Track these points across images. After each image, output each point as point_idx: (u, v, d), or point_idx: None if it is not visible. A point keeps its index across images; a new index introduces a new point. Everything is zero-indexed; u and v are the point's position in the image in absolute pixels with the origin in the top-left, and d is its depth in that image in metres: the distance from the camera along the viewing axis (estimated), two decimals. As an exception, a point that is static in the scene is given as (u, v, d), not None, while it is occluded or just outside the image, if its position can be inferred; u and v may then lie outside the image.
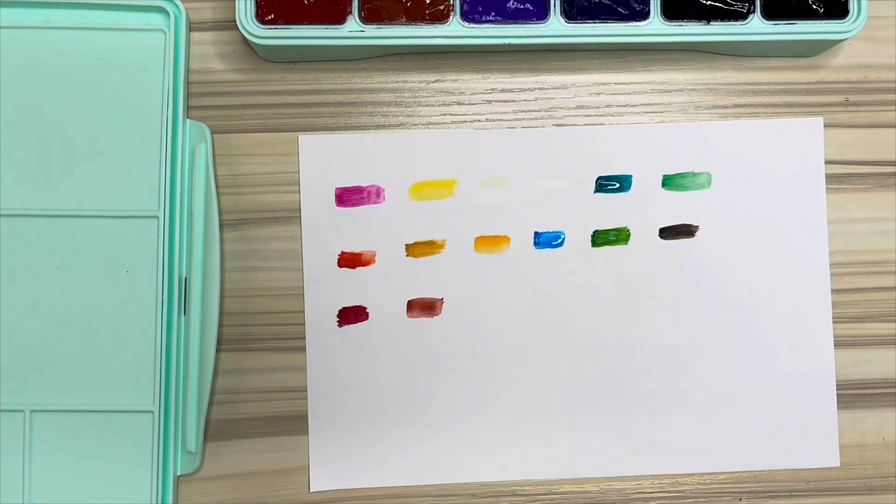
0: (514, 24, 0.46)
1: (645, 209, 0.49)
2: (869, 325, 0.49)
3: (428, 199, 0.48)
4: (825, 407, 0.49)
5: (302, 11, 0.46)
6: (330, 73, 0.49)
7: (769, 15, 0.46)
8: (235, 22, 0.45)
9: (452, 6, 0.46)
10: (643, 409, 0.49)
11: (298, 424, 0.48)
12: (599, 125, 0.49)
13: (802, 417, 0.49)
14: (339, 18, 0.46)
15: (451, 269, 0.48)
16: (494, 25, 0.46)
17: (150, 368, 0.46)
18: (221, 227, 0.48)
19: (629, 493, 0.49)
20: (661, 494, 0.49)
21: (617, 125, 0.49)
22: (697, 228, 0.49)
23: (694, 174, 0.49)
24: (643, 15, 0.46)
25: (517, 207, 0.49)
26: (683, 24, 0.46)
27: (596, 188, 0.49)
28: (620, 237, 0.49)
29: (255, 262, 0.48)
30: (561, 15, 0.46)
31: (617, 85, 0.49)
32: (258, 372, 0.48)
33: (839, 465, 0.49)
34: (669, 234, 0.49)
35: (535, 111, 0.49)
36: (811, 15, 0.46)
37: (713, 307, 0.49)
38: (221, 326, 0.47)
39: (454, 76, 0.49)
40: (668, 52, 0.49)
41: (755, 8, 0.46)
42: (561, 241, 0.49)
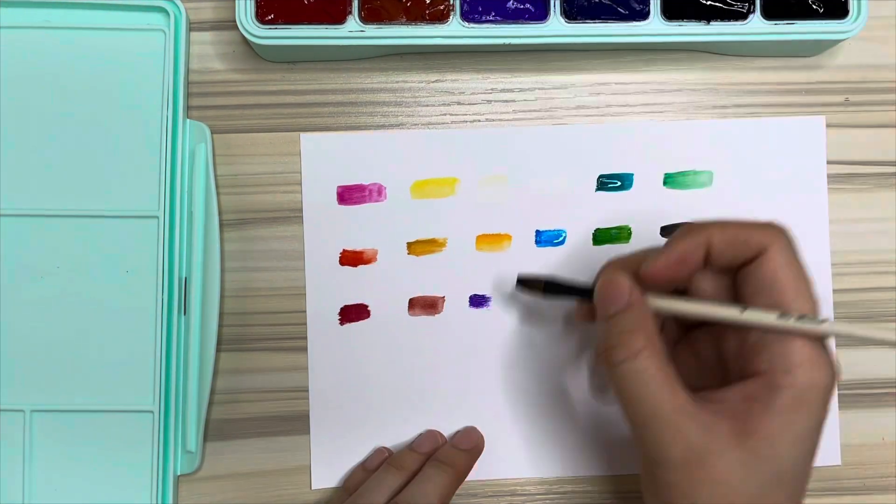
0: (514, 24, 0.46)
1: (646, 207, 0.49)
2: (869, 325, 0.49)
3: (429, 197, 0.48)
4: (826, 406, 0.49)
5: (302, 11, 0.46)
6: (330, 73, 0.49)
7: (769, 15, 0.46)
8: (235, 22, 0.45)
9: (452, 6, 0.46)
10: (644, 408, 0.49)
11: (298, 424, 0.48)
12: (601, 124, 0.49)
13: (803, 417, 0.49)
14: (339, 18, 0.46)
15: (452, 267, 0.48)
16: (494, 25, 0.46)
17: (150, 368, 0.46)
18: (221, 227, 0.48)
19: (629, 492, 0.49)
20: (661, 494, 0.49)
21: (618, 123, 0.49)
22: (699, 227, 0.49)
23: (696, 173, 0.49)
24: (643, 15, 0.46)
25: (519, 206, 0.49)
26: (683, 24, 0.46)
27: (597, 186, 0.49)
28: (622, 235, 0.49)
29: (255, 262, 0.48)
30: (561, 15, 0.46)
31: (617, 85, 0.49)
32: (258, 372, 0.48)
33: (840, 463, 0.49)
34: (671, 232, 0.49)
35: (535, 111, 0.49)
36: (811, 15, 0.46)
37: (714, 306, 0.49)
38: (221, 326, 0.47)
39: (454, 76, 0.49)
40: (668, 52, 0.49)
41: (755, 8, 0.46)
42: (562, 239, 0.49)
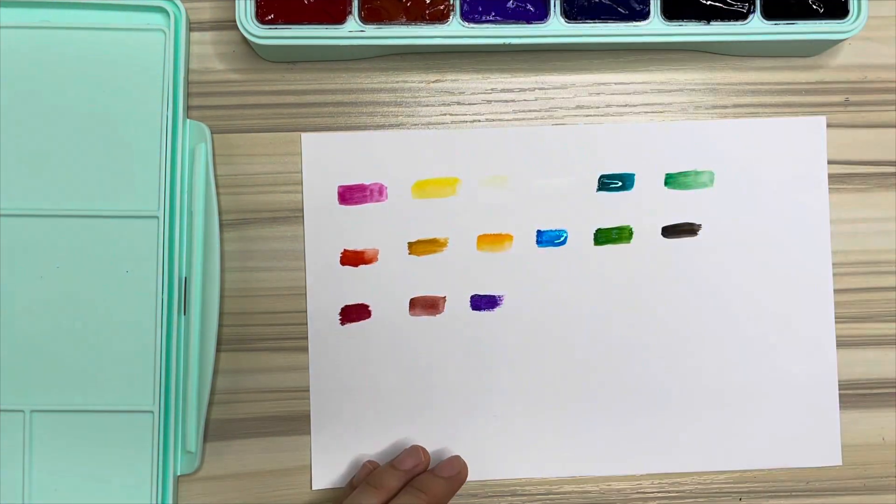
0: (514, 24, 0.46)
1: (647, 208, 0.49)
2: (869, 325, 0.49)
3: (430, 197, 0.48)
4: (827, 406, 0.49)
5: (302, 11, 0.46)
6: (330, 72, 0.49)
7: (769, 15, 0.46)
8: (235, 22, 0.45)
9: (452, 6, 0.46)
10: (644, 407, 0.49)
11: (298, 424, 0.48)
12: (601, 124, 0.49)
13: (804, 417, 0.49)
14: (339, 18, 0.46)
15: (453, 267, 0.48)
16: (494, 25, 0.46)
17: (150, 368, 0.46)
18: (221, 227, 0.48)
19: (629, 492, 0.49)
20: (660, 494, 0.49)
21: (619, 123, 0.49)
22: (700, 227, 0.49)
23: (697, 173, 0.49)
24: (643, 15, 0.46)
25: (520, 206, 0.49)
26: (683, 24, 0.46)
27: (598, 186, 0.49)
28: (623, 236, 0.49)
29: (255, 262, 0.48)
30: (561, 15, 0.46)
31: (617, 85, 0.49)
32: (258, 372, 0.48)
33: (841, 463, 0.49)
34: (672, 232, 0.49)
35: (535, 111, 0.49)
36: (811, 15, 0.46)
37: (715, 306, 0.49)
38: (221, 326, 0.47)
39: (454, 76, 0.49)
40: (668, 52, 0.49)
41: (755, 8, 0.46)
42: (563, 239, 0.49)
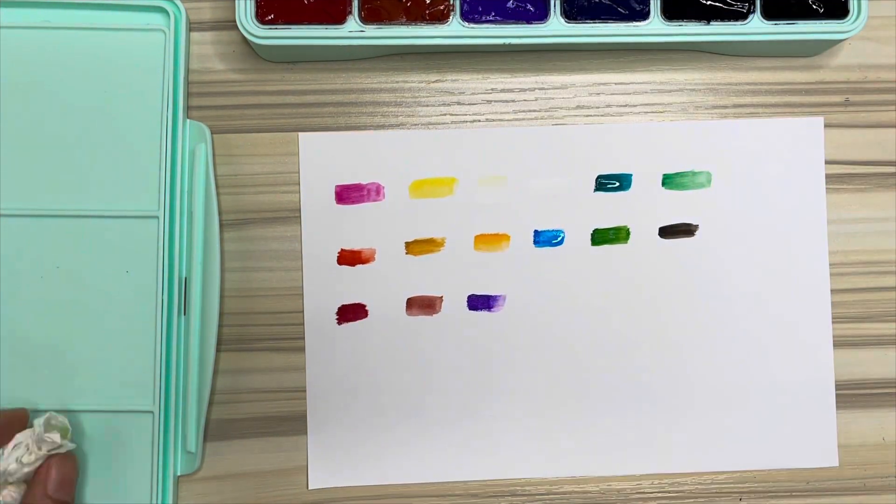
0: (514, 24, 0.46)
1: (645, 208, 0.49)
2: (868, 325, 0.49)
3: (428, 196, 0.48)
4: (824, 407, 0.49)
5: (302, 11, 0.46)
6: (330, 73, 0.49)
7: (769, 15, 0.46)
8: (235, 22, 0.45)
9: (452, 6, 0.46)
10: (642, 408, 0.49)
11: (298, 424, 0.48)
12: (599, 124, 0.49)
13: (802, 417, 0.49)
14: (339, 18, 0.46)
15: (450, 267, 0.48)
16: (494, 25, 0.46)
17: (150, 368, 0.46)
18: (221, 227, 0.48)
19: (629, 492, 0.49)
20: (660, 494, 0.49)
21: (617, 124, 0.49)
22: (697, 228, 0.49)
23: (694, 173, 0.49)
24: (643, 15, 0.46)
25: (517, 206, 0.49)
26: (683, 24, 0.46)
27: (596, 187, 0.49)
28: (620, 236, 0.49)
29: (255, 262, 0.48)
30: (561, 15, 0.46)
31: (617, 85, 0.49)
32: (258, 372, 0.48)
33: (838, 464, 0.49)
34: (669, 233, 0.49)
35: (535, 111, 0.49)
36: (811, 15, 0.46)
37: (712, 306, 0.49)
38: (221, 326, 0.47)
39: (454, 76, 0.49)
40: (668, 52, 0.49)
41: (755, 8, 0.46)
42: (560, 239, 0.49)
